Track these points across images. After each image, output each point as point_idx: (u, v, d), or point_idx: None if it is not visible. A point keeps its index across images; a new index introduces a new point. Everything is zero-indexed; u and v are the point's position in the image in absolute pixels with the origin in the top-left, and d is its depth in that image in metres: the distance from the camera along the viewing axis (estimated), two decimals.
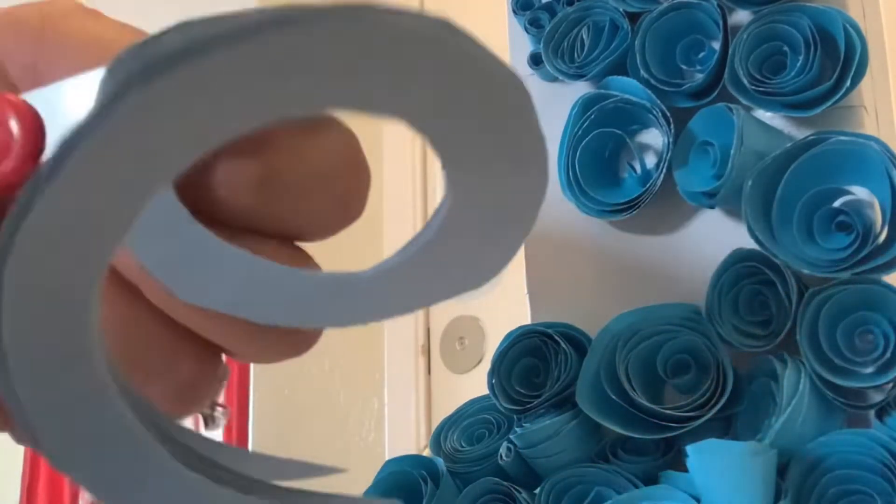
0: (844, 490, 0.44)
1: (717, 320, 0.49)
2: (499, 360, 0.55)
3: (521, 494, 0.51)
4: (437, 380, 1.68)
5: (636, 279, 0.56)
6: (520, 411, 0.54)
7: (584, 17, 0.57)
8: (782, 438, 0.44)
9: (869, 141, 0.46)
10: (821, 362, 0.46)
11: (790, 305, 0.47)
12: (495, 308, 1.62)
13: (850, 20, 0.48)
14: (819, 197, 0.48)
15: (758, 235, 0.48)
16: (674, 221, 0.55)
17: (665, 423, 0.48)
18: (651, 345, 0.51)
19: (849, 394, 0.46)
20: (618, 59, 0.55)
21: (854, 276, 0.46)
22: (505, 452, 0.53)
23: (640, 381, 0.50)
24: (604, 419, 0.50)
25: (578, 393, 0.51)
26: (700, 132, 0.52)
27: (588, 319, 0.55)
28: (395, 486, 0.54)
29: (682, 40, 0.54)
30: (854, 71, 0.48)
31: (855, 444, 0.44)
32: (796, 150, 0.48)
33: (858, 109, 0.50)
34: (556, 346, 0.54)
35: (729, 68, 0.51)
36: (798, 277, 0.48)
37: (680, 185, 0.53)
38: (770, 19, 0.50)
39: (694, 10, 0.53)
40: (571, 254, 0.59)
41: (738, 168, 0.49)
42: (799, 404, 0.45)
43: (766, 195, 0.48)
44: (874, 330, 0.45)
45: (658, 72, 0.54)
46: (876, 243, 0.46)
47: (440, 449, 0.57)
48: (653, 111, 0.53)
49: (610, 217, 0.56)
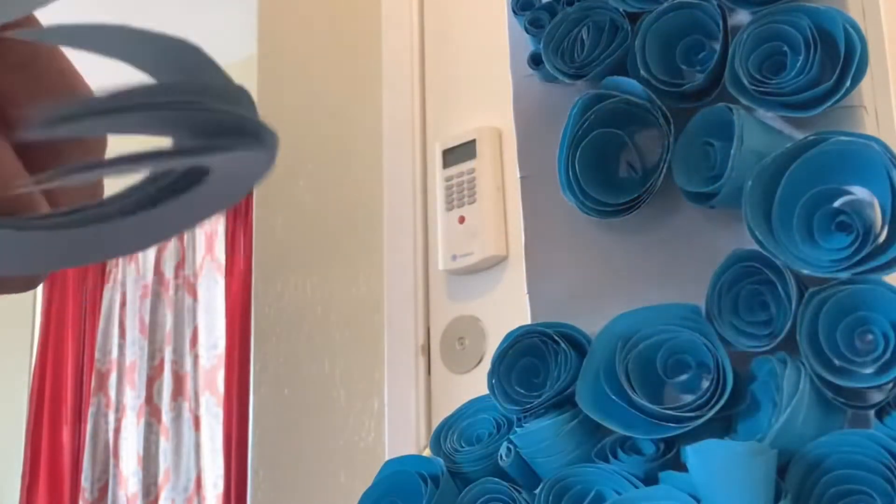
0: (844, 490, 0.44)
1: (717, 320, 0.49)
2: (499, 360, 0.55)
3: (521, 494, 0.51)
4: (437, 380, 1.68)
5: (636, 279, 0.56)
6: (520, 411, 0.54)
7: (584, 17, 0.57)
8: (782, 438, 0.44)
9: (869, 141, 0.46)
10: (821, 362, 0.46)
11: (790, 305, 0.47)
12: (495, 308, 1.62)
13: (850, 20, 0.48)
14: (819, 197, 0.48)
15: (758, 235, 0.48)
16: (674, 221, 0.55)
17: (665, 423, 0.48)
18: (651, 345, 0.51)
19: (849, 394, 0.46)
20: (618, 59, 0.55)
21: (854, 276, 0.46)
22: (505, 452, 0.53)
23: (640, 381, 0.50)
24: (604, 419, 0.50)
25: (578, 393, 0.51)
26: (700, 132, 0.52)
27: (588, 319, 0.55)
28: (395, 486, 0.54)
29: (682, 40, 0.54)
30: (854, 71, 0.48)
31: (855, 444, 0.44)
32: (796, 150, 0.48)
33: (858, 109, 0.50)
34: (556, 346, 0.54)
35: (729, 68, 0.51)
36: (798, 277, 0.48)
37: (680, 185, 0.53)
38: (770, 19, 0.50)
39: (694, 10, 0.53)
40: (571, 254, 0.59)
41: (738, 168, 0.49)
42: (799, 404, 0.45)
43: (766, 195, 0.48)
44: (874, 330, 0.45)
45: (658, 72, 0.54)
46: (876, 243, 0.46)
47: (440, 449, 0.57)
48: (653, 111, 0.53)
49: (610, 217, 0.56)
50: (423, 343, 1.70)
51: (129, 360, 3.07)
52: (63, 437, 3.16)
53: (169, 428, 2.92)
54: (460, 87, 1.76)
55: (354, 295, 1.86)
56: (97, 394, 3.08)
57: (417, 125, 1.80)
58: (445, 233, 1.67)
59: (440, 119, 1.79)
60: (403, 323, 1.72)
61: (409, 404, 1.68)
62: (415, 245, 1.74)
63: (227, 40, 3.07)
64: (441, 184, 1.69)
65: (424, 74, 1.82)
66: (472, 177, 1.65)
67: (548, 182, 0.58)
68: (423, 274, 1.74)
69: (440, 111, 1.79)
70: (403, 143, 1.80)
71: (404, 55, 1.84)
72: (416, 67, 1.83)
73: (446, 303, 1.70)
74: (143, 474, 2.94)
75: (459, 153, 1.69)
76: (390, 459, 0.56)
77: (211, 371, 2.88)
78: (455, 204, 1.66)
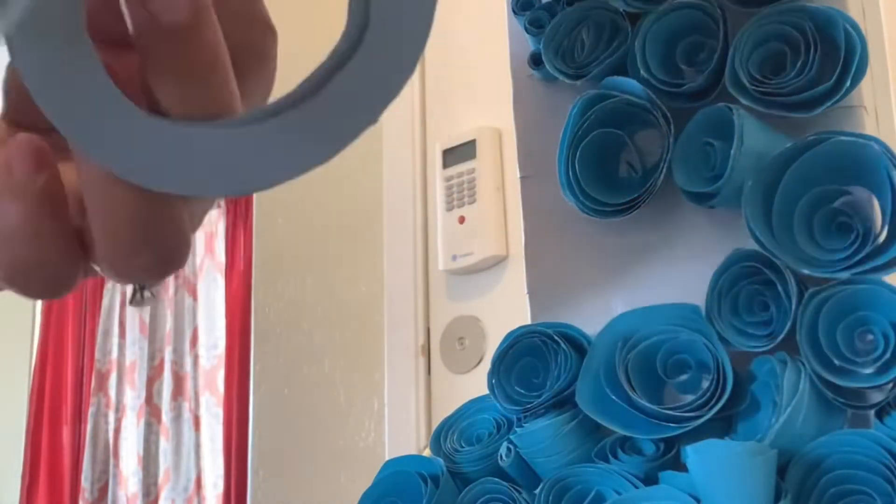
0: (844, 490, 0.44)
1: (717, 320, 0.49)
2: (499, 360, 0.55)
3: (521, 494, 0.51)
4: (437, 380, 1.68)
5: (636, 279, 0.56)
6: (520, 411, 0.54)
7: (584, 17, 0.57)
8: (782, 438, 0.44)
9: (869, 141, 0.46)
10: (821, 362, 0.46)
11: (790, 305, 0.47)
12: (495, 308, 1.62)
13: (850, 20, 0.48)
14: (819, 197, 0.48)
15: (758, 235, 0.48)
16: (674, 221, 0.55)
17: (665, 423, 0.48)
18: (651, 345, 0.51)
19: (849, 394, 0.46)
20: (618, 59, 0.55)
21: (854, 276, 0.46)
22: (505, 452, 0.53)
23: (640, 381, 0.50)
24: (604, 419, 0.50)
25: (578, 393, 0.51)
26: (700, 132, 0.52)
27: (588, 319, 0.55)
28: (395, 486, 0.54)
29: (682, 40, 0.54)
30: (854, 71, 0.48)
31: (855, 444, 0.44)
32: (796, 150, 0.48)
33: (858, 109, 0.50)
34: (556, 346, 0.54)
35: (729, 68, 0.51)
36: (798, 277, 0.48)
37: (680, 185, 0.53)
38: (770, 19, 0.50)
39: (694, 10, 0.53)
40: (571, 254, 0.59)
41: (738, 168, 0.49)
42: (799, 404, 0.45)
43: (766, 195, 0.48)
44: (874, 330, 0.45)
45: (658, 72, 0.54)
46: (876, 243, 0.46)
47: (440, 449, 0.57)
48: (653, 111, 0.53)
49: (610, 217, 0.56)
50: (423, 343, 1.70)
51: (129, 360, 3.07)
52: (63, 437, 3.16)
53: (169, 428, 2.92)
54: (460, 87, 1.76)
55: (354, 295, 1.86)
56: (97, 394, 3.08)
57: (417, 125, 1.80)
58: (445, 233, 1.67)
59: (440, 119, 1.79)
60: (403, 323, 1.72)
61: (409, 404, 1.68)
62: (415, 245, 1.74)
63: None
64: (441, 184, 1.69)
65: (424, 74, 1.82)
66: (472, 177, 1.65)
67: (548, 182, 0.58)
68: (423, 274, 1.74)
69: (440, 111, 1.79)
70: (403, 143, 1.80)
71: None
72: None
73: (446, 303, 1.70)
74: (143, 474, 2.94)
75: (459, 153, 1.69)
76: (390, 459, 0.56)
77: (211, 371, 2.87)
78: (455, 204, 1.66)
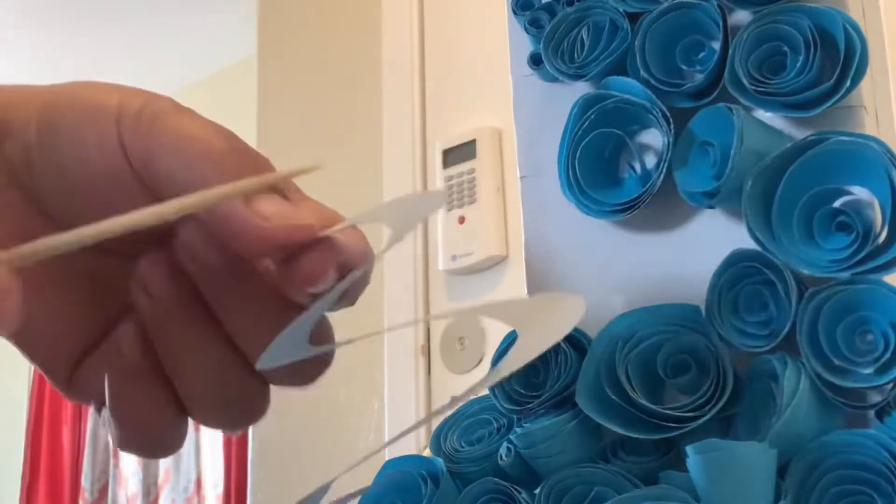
0: (844, 490, 0.44)
1: (717, 320, 0.49)
2: (498, 361, 0.55)
3: (521, 494, 0.51)
4: (437, 380, 1.68)
5: (636, 279, 0.56)
6: (520, 411, 0.54)
7: (584, 17, 0.57)
8: (782, 438, 0.44)
9: (869, 141, 0.46)
10: (821, 362, 0.46)
11: (790, 305, 0.47)
12: None
13: (850, 20, 0.48)
14: (819, 197, 0.48)
15: (758, 235, 0.48)
16: (674, 221, 0.55)
17: (665, 423, 0.48)
18: (651, 345, 0.51)
19: (849, 394, 0.46)
20: (618, 60, 0.55)
21: (854, 276, 0.46)
22: (505, 452, 0.53)
23: (640, 382, 0.50)
24: (604, 419, 0.50)
25: (578, 393, 0.51)
26: (700, 132, 0.52)
27: (588, 319, 0.55)
28: (395, 486, 0.54)
29: (682, 40, 0.54)
30: (854, 71, 0.48)
31: (855, 444, 0.44)
32: (796, 150, 0.48)
33: (858, 109, 0.50)
34: (556, 346, 0.54)
35: (729, 68, 0.51)
36: (798, 277, 0.48)
37: (680, 185, 0.53)
38: (770, 19, 0.50)
39: (694, 10, 0.53)
40: (571, 254, 0.59)
41: (738, 168, 0.49)
42: (799, 404, 0.45)
43: (766, 195, 0.48)
44: (874, 330, 0.45)
45: (658, 72, 0.54)
46: (876, 243, 0.46)
47: (440, 449, 0.57)
48: (653, 111, 0.53)
49: (610, 217, 0.56)
50: (423, 343, 1.70)
51: None
52: (63, 437, 3.16)
53: None
54: (460, 87, 1.76)
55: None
56: None
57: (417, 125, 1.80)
58: (445, 233, 1.67)
59: (440, 119, 1.79)
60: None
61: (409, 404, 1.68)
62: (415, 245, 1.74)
63: (227, 40, 3.07)
64: (441, 184, 1.69)
65: (424, 74, 1.83)
66: (472, 177, 1.65)
67: (548, 182, 0.58)
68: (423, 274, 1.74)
69: (440, 111, 1.79)
70: (403, 143, 1.80)
71: (404, 55, 1.84)
72: (416, 67, 1.83)
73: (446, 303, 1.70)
74: (143, 474, 2.94)
75: (459, 153, 1.69)
76: (390, 459, 0.56)
77: None
78: (455, 204, 1.66)
